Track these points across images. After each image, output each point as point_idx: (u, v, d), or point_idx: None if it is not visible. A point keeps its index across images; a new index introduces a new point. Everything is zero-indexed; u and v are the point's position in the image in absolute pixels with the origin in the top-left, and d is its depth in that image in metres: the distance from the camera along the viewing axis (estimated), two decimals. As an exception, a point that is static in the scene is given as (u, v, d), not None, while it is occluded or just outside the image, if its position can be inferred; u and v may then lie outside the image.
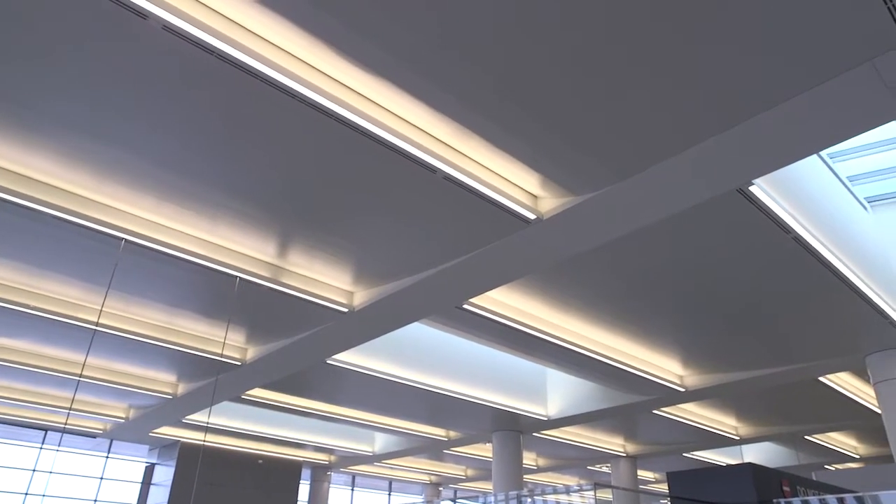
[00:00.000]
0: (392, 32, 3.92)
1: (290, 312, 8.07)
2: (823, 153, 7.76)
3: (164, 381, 11.69)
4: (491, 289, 7.26)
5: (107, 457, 16.87)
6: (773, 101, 4.32)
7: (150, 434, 15.42)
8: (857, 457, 18.66)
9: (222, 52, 3.99)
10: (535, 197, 5.74)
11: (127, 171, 5.50)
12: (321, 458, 19.55)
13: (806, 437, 16.26)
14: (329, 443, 17.36)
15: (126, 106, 4.68)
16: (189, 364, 10.30)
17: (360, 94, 4.55)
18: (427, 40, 3.97)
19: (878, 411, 9.94)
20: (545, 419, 13.20)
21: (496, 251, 6.35)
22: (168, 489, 15.67)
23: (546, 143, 4.89)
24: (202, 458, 16.53)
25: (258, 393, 12.23)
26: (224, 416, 15.04)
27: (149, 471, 17.26)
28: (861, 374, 11.67)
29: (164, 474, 16.38)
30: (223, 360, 9.52)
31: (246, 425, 15.60)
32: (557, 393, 13.19)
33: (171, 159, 5.31)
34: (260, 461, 18.00)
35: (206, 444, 16.64)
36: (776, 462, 19.21)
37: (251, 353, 9.75)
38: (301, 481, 19.39)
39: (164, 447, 16.87)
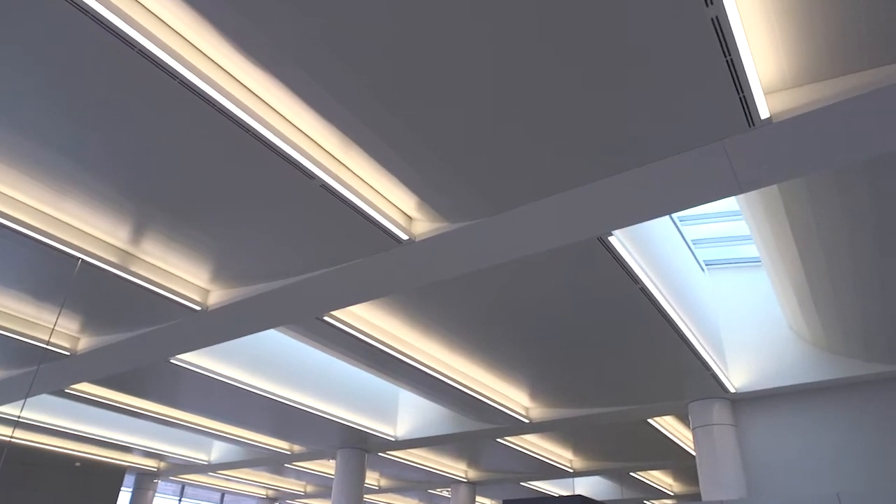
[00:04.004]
0: (279, 21, 3.81)
1: (136, 304, 7.46)
2: (675, 215, 8.54)
3: (-29, 366, 10.31)
4: (354, 304, 7.17)
5: None
6: (636, 163, 4.69)
7: (-55, 424, 13.54)
8: (672, 494, 20.43)
9: (97, 13, 3.67)
10: (410, 218, 5.78)
11: (-40, 124, 4.85)
12: (149, 463, 18.17)
13: (630, 473, 17.55)
14: (160, 448, 16.16)
15: (-30, 52, 4.15)
16: (5, 349, 9.18)
17: (244, 85, 4.36)
18: (313, 39, 3.90)
19: (693, 453, 10.95)
20: (393, 440, 13.17)
21: (364, 267, 6.30)
22: (-42, 489, 13.82)
23: (428, 167, 4.96)
24: (6, 457, 14.71)
25: (85, 388, 11.12)
26: (40, 410, 13.52)
27: (-64, 467, 15.10)
28: (683, 418, 12.83)
29: (-44, 472, 14.41)
30: (49, 347, 8.58)
31: (66, 423, 14.10)
32: (407, 414, 13.23)
33: (18, 121, 4.75)
34: (77, 463, 16.37)
35: (13, 440, 14.85)
36: (603, 495, 20.52)
37: (84, 343, 8.87)
38: (123, 488, 17.93)
39: (-39, 441, 14.88)
